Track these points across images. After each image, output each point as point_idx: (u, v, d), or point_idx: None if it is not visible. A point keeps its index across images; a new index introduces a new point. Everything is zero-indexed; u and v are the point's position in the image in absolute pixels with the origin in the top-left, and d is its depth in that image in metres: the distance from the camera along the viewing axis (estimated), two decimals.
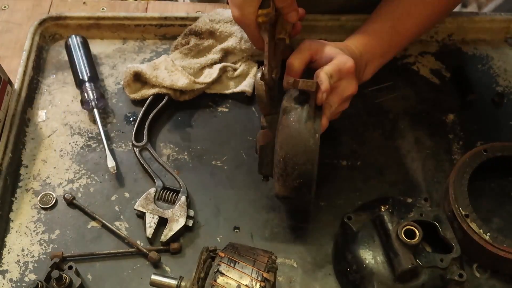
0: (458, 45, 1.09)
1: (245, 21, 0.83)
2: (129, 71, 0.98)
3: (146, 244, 0.87)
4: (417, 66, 1.06)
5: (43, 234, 0.88)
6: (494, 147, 0.87)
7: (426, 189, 0.92)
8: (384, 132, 0.98)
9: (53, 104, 1.01)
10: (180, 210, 0.87)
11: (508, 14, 1.08)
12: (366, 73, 0.90)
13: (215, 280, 0.68)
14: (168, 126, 0.99)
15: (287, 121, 0.76)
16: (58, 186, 0.92)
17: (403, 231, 0.76)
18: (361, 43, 0.89)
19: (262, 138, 0.81)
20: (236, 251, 0.72)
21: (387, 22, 0.92)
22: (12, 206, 0.90)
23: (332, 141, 0.96)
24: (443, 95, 1.02)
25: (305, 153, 0.75)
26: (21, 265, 0.85)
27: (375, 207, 0.82)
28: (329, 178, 0.92)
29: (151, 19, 1.08)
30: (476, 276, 0.83)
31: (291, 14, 0.84)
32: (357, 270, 0.78)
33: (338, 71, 0.80)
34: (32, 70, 1.02)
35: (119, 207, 0.90)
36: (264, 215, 0.89)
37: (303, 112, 0.76)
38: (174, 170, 0.93)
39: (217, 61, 1.02)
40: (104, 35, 1.10)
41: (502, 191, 0.91)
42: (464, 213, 0.82)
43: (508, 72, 1.05)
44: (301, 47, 0.85)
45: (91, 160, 0.95)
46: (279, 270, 0.80)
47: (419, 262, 0.75)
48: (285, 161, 0.75)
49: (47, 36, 1.09)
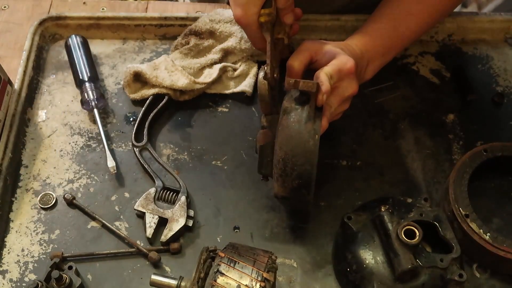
0: (458, 45, 1.09)
1: (248, 21, 0.83)
2: (129, 71, 0.98)
3: (146, 244, 0.87)
4: (417, 66, 1.06)
5: (43, 234, 0.88)
6: (494, 147, 0.87)
7: (426, 189, 0.92)
8: (384, 132, 0.98)
9: (53, 104, 1.01)
10: (180, 210, 0.87)
11: (508, 14, 1.08)
12: (367, 73, 0.90)
13: (215, 280, 0.68)
14: (168, 126, 0.99)
15: (287, 121, 0.76)
16: (58, 186, 0.92)
17: (403, 231, 0.76)
18: (362, 42, 0.89)
19: (262, 138, 0.81)
20: (236, 251, 0.72)
21: (388, 21, 0.92)
22: (12, 206, 0.90)
23: (332, 141, 0.95)
24: (443, 95, 1.02)
25: (304, 154, 0.75)
26: (21, 265, 0.85)
27: (375, 207, 0.82)
28: (329, 178, 0.92)
29: (151, 19, 1.08)
30: (476, 276, 0.83)
31: (288, 15, 0.84)
32: (357, 270, 0.78)
33: (338, 71, 0.80)
34: (32, 70, 1.02)
35: (119, 207, 0.90)
36: (264, 215, 0.89)
37: (303, 112, 0.76)
38: (174, 170, 0.93)
39: (217, 61, 1.02)
40: (104, 35, 1.10)
41: (502, 191, 0.90)
42: (464, 213, 0.82)
43: (508, 72, 1.05)
44: (300, 48, 0.85)
45: (91, 160, 0.95)
46: (279, 270, 0.80)
47: (419, 262, 0.75)
48: (284, 161, 0.75)
49: (47, 36, 1.09)
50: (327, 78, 0.78)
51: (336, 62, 0.81)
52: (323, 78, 0.78)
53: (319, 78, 0.78)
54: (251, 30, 0.85)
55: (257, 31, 0.84)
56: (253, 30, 0.84)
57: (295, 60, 0.84)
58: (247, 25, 0.84)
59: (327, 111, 0.79)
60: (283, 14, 0.84)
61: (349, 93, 0.83)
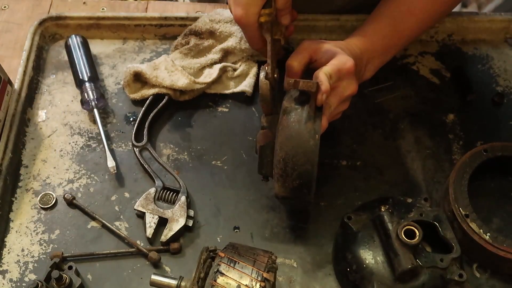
0: (458, 45, 1.09)
1: (248, 21, 0.83)
2: (129, 71, 0.98)
3: (146, 244, 0.87)
4: (417, 66, 1.06)
5: (43, 234, 0.88)
6: (494, 147, 0.87)
7: (426, 189, 0.92)
8: (384, 132, 0.98)
9: (53, 104, 1.01)
10: (180, 210, 0.87)
11: (508, 14, 1.08)
12: (366, 72, 0.90)
13: (215, 280, 0.68)
14: (168, 126, 0.99)
15: (287, 121, 0.76)
16: (58, 186, 0.92)
17: (403, 231, 0.76)
18: (362, 42, 0.89)
19: (262, 138, 0.81)
20: (236, 251, 0.72)
21: (388, 20, 0.92)
22: (12, 206, 0.90)
23: (332, 141, 0.96)
24: (443, 95, 1.02)
25: (305, 154, 0.75)
26: (21, 265, 0.85)
27: (375, 207, 0.82)
28: (329, 178, 0.92)
29: (151, 19, 1.08)
30: (476, 276, 0.83)
31: (286, 16, 0.84)
32: (357, 270, 0.78)
33: (338, 71, 0.80)
34: (32, 70, 1.02)
35: (119, 207, 0.90)
36: (264, 215, 0.89)
37: (303, 112, 0.76)
38: (174, 170, 0.93)
39: (217, 61, 1.02)
40: (104, 35, 1.10)
41: (502, 191, 0.90)
42: (464, 213, 0.82)
43: (508, 72, 1.05)
44: (300, 48, 0.85)
45: (91, 160, 0.95)
46: (279, 270, 0.80)
47: (419, 262, 0.75)
48: (285, 161, 0.75)
49: (47, 36, 1.09)
50: (327, 77, 0.78)
51: (336, 62, 0.81)
52: (323, 78, 0.78)
53: (319, 78, 0.78)
54: (250, 30, 0.85)
55: (257, 31, 0.84)
56: (253, 30, 0.84)
57: (294, 60, 0.83)
58: (247, 25, 0.84)
59: (327, 110, 0.79)
60: (281, 15, 0.84)
61: (348, 93, 0.83)
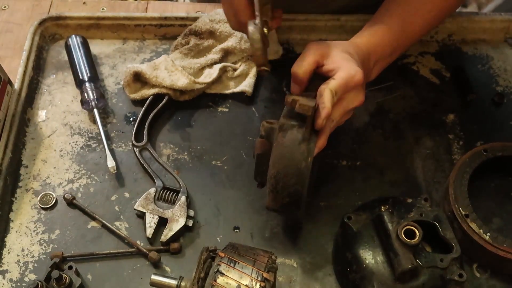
0: (458, 45, 1.09)
1: None
2: (129, 71, 0.98)
3: (146, 244, 0.87)
4: (417, 66, 1.06)
5: (43, 234, 0.88)
6: (494, 147, 0.87)
7: (426, 189, 0.92)
8: (384, 132, 0.98)
9: (53, 104, 1.01)
10: (180, 210, 0.87)
11: (508, 14, 1.08)
12: (372, 73, 0.88)
13: (215, 280, 0.68)
14: (168, 126, 0.99)
15: (282, 139, 0.75)
16: (58, 186, 0.92)
17: (403, 231, 0.75)
18: (371, 42, 0.86)
19: (259, 146, 0.80)
20: (236, 251, 0.72)
21: (397, 21, 0.89)
22: (12, 206, 0.90)
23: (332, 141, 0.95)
24: (443, 95, 1.02)
25: (295, 175, 0.74)
26: (21, 265, 0.85)
27: (375, 207, 0.82)
28: (329, 178, 0.92)
29: (151, 19, 1.08)
30: (476, 276, 0.83)
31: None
32: (357, 270, 0.78)
33: (345, 85, 0.76)
34: (32, 70, 1.02)
35: (119, 207, 0.90)
36: (264, 215, 0.89)
37: (298, 133, 0.75)
38: (174, 170, 0.93)
39: (217, 61, 1.02)
40: (104, 35, 1.10)
41: (502, 191, 0.90)
42: (464, 213, 0.82)
43: (508, 72, 1.05)
44: (306, 52, 0.80)
45: (91, 160, 0.95)
46: (279, 270, 0.80)
47: (419, 262, 0.75)
48: (276, 179, 0.75)
49: (47, 36, 1.09)
50: (331, 96, 0.74)
51: (343, 75, 0.77)
52: (326, 98, 0.74)
53: (322, 98, 0.74)
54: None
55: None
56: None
57: (300, 68, 0.79)
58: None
59: (328, 127, 0.77)
60: None
61: (354, 105, 0.80)
